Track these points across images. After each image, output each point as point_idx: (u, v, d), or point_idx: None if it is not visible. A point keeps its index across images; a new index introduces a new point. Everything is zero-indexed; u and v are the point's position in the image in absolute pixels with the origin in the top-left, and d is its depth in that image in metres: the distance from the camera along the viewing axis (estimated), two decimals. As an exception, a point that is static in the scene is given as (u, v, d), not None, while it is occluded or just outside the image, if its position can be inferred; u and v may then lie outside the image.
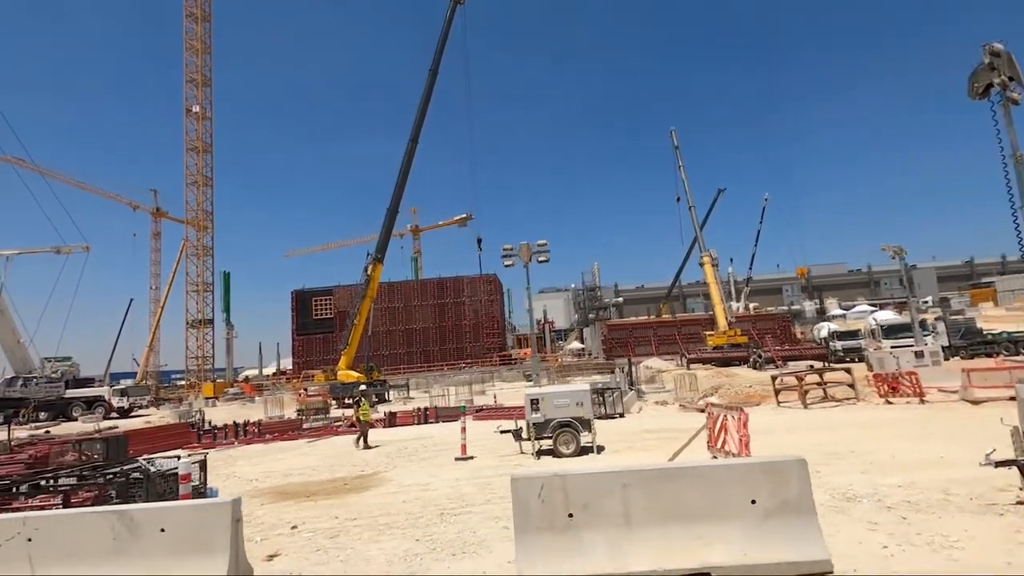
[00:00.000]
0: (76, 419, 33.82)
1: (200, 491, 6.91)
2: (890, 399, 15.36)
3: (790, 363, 35.83)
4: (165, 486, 6.30)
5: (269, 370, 72.55)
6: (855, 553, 4.54)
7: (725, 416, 7.49)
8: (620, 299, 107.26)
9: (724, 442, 7.37)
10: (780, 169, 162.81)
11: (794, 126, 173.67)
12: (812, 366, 32.95)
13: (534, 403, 9.52)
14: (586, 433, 9.48)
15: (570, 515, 4.37)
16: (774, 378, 17.11)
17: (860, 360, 36.04)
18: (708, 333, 47.24)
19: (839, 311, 76.58)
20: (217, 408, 37.73)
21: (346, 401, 35.58)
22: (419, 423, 21.01)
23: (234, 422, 22.22)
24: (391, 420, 21.70)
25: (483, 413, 21.66)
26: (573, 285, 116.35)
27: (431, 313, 62.14)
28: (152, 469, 6.41)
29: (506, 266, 18.75)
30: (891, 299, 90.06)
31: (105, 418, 33.97)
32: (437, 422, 21.02)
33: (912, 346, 21.28)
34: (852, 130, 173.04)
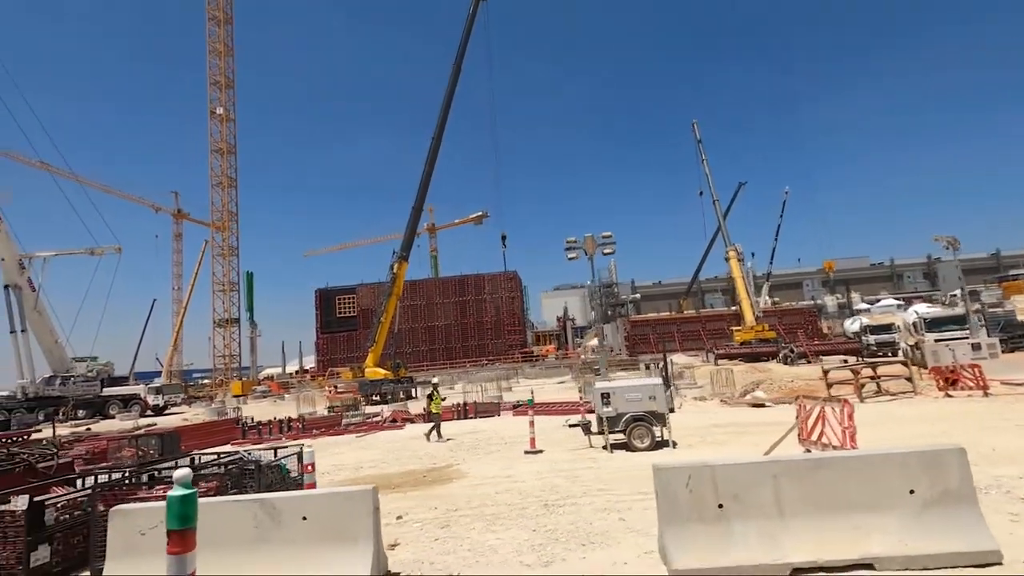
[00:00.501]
0: (113, 417, 34.46)
1: (297, 481, 6.94)
2: (950, 392, 15.02)
3: (822, 358, 35.33)
4: (273, 476, 6.33)
5: (291, 368, 73.41)
6: (1009, 543, 4.39)
7: (823, 408, 7.34)
8: (638, 295, 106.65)
9: (821, 434, 7.22)
10: (798, 164, 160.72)
11: (813, 122, 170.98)
12: (846, 360, 32.53)
13: (605, 397, 9.44)
14: (659, 427, 9.37)
15: (720, 505, 4.29)
16: (826, 371, 16.80)
17: (893, 354, 35.39)
18: (735, 329, 46.76)
19: (863, 305, 75.30)
20: (248, 406, 38.14)
21: (373, 398, 35.86)
22: (458, 418, 21.08)
23: (275, 418, 22.55)
24: (430, 415, 21.81)
25: (522, 409, 21.59)
26: (589, 282, 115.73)
27: (453, 310, 62.36)
28: (259, 460, 6.45)
29: (570, 259, 18.65)
30: (915, 292, 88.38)
31: (141, 416, 34.57)
32: (475, 417, 21.09)
33: (962, 339, 20.76)
34: (870, 125, 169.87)
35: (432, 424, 13.67)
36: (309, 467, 5.86)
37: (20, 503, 5.22)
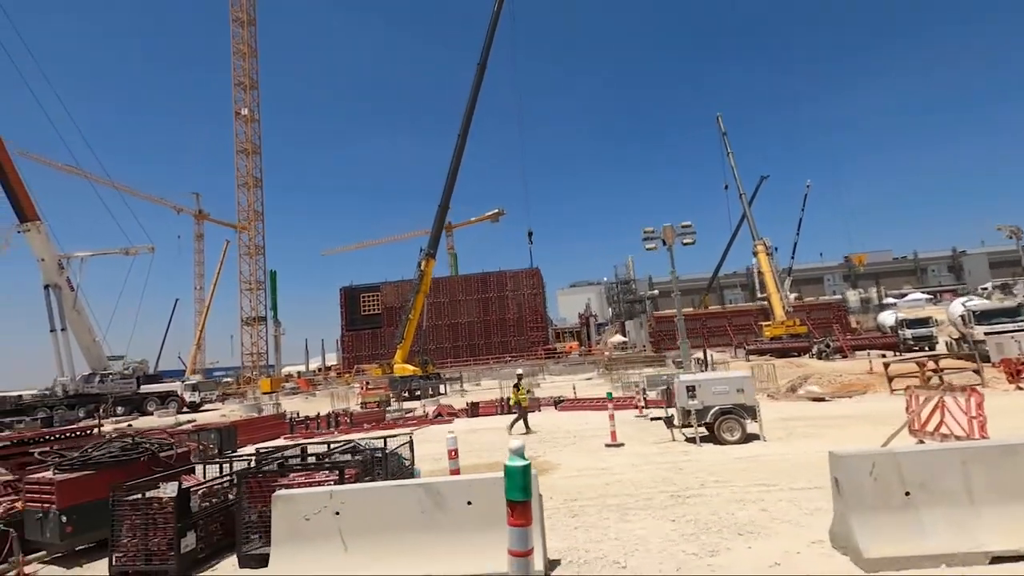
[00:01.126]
0: (151, 413, 35.02)
1: (409, 470, 6.94)
2: (1021, 384, 14.64)
3: (858, 352, 34.75)
4: (393, 464, 6.34)
5: (313, 365, 74.09)
6: None
7: (941, 398, 7.16)
8: (655, 292, 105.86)
9: (940, 424, 7.04)
10: (817, 159, 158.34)
11: (836, 114, 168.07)
12: (885, 355, 31.96)
13: (691, 390, 9.32)
14: (749, 420, 9.22)
15: (907, 493, 4.17)
16: (887, 365, 16.47)
17: (931, 348, 34.68)
18: (764, 324, 46.21)
19: (890, 300, 73.97)
20: (281, 402, 38.52)
21: (403, 395, 36.04)
22: (500, 413, 21.11)
23: (319, 413, 22.82)
24: (474, 410, 21.85)
25: (565, 405, 21.53)
26: (606, 279, 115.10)
27: (475, 307, 62.43)
28: (375, 450, 6.45)
29: (648, 249, 18.46)
30: (940, 286, 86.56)
31: (178, 412, 35.12)
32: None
33: (1019, 331, 20.23)
34: (889, 119, 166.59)
35: (516, 416, 13.45)
36: (452, 452, 5.83)
37: (168, 490, 5.26)
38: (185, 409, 36.31)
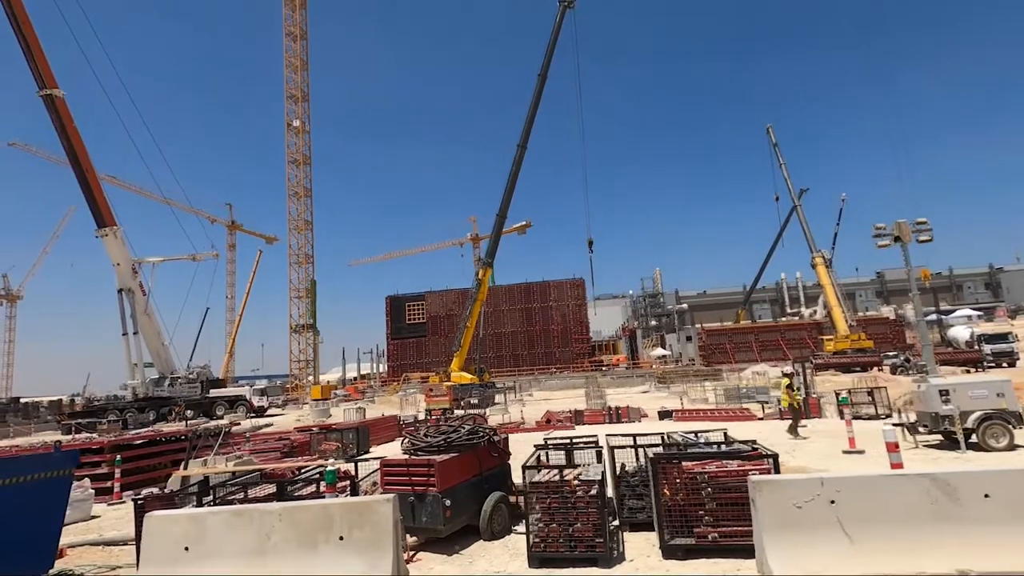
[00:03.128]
0: (221, 417, 35.06)
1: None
2: None
3: (940, 368, 33.97)
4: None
5: (350, 373, 74.09)
6: None
7: None
8: (684, 306, 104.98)
9: None
10: (851, 171, 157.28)
11: (866, 124, 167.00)
12: (969, 371, 31.19)
13: (944, 394, 9.06)
14: (1016, 426, 8.90)
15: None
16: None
17: (1010, 364, 33.86)
18: (826, 338, 45.50)
19: (933, 316, 72.48)
20: (340, 408, 38.42)
21: (461, 403, 35.90)
22: (609, 422, 20.84)
23: (430, 415, 22.82)
24: (578, 418, 21.59)
25: (679, 415, 21.11)
26: (632, 292, 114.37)
27: (519, 317, 62.25)
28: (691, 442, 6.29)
29: (880, 247, 18.24)
30: (977, 304, 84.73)
31: (247, 416, 35.15)
32: (630, 421, 20.79)
33: None
34: (912, 121, 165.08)
35: (792, 419, 13.04)
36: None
37: (591, 472, 5.11)
38: (251, 414, 36.37)
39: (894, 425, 9.58)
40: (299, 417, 33.07)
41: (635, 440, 7.05)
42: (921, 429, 9.64)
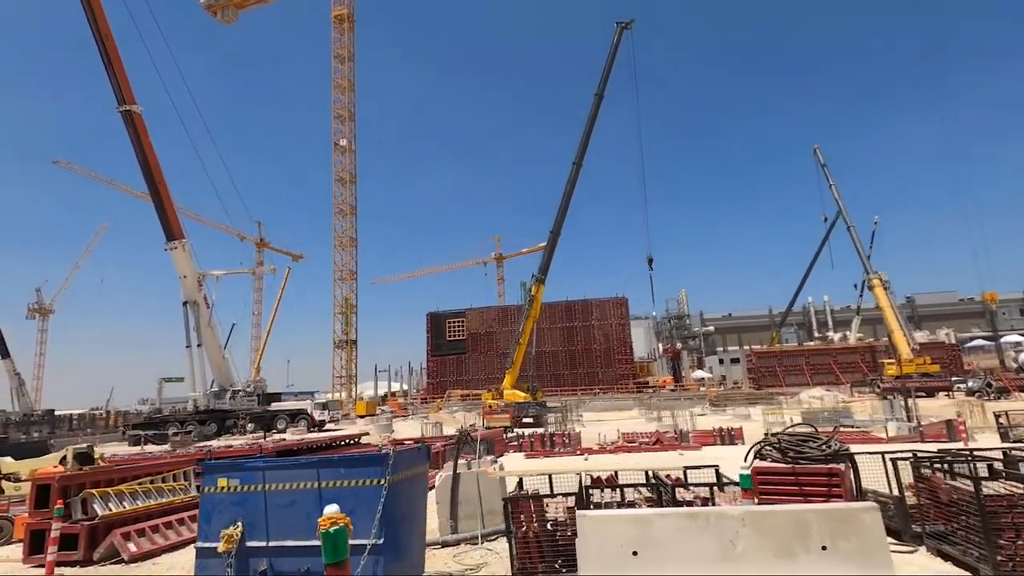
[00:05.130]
0: (284, 431, 34.98)
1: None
2: None
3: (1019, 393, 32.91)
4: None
5: (382, 390, 73.86)
6: None
7: None
8: (711, 328, 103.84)
9: None
10: (873, 193, 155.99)
11: (885, 150, 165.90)
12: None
13: None
14: None
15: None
16: None
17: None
18: (888, 361, 44.39)
19: (979, 342, 70.60)
20: (402, 423, 38.22)
21: (524, 420, 35.49)
22: (722, 443, 20.33)
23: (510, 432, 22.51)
24: (684, 439, 21.16)
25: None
26: (655, 314, 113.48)
27: (559, 336, 61.77)
28: None
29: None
30: (1012, 329, 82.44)
31: (309, 430, 35.04)
32: (744, 443, 20.25)
33: None
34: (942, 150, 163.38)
35: None
36: None
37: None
38: (313, 428, 36.27)
39: None
40: (364, 431, 32.84)
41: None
42: None
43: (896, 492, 6.36)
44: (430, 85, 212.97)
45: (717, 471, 6.49)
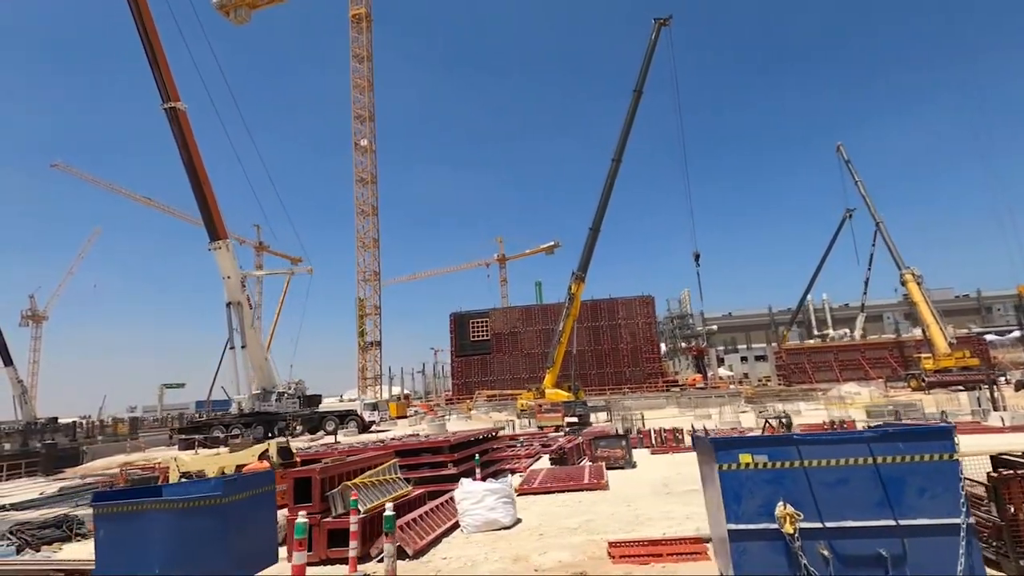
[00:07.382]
0: (333, 432, 34.28)
1: None
2: None
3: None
4: None
5: (395, 390, 73.04)
6: None
7: None
8: (715, 327, 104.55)
9: None
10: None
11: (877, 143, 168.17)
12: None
13: None
14: None
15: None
16: None
17: None
18: (923, 356, 44.83)
19: (991, 336, 71.74)
20: (422, 425, 37.48)
21: (567, 420, 35.31)
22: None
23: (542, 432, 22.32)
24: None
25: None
26: (658, 312, 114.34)
27: (586, 336, 61.50)
28: None
29: None
30: (1008, 326, 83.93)
31: (360, 432, 34.41)
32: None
33: None
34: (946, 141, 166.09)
35: None
36: None
37: None
38: (363, 430, 35.61)
39: None
40: (418, 431, 32.33)
41: None
42: None
43: None
44: (430, 85, 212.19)
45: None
